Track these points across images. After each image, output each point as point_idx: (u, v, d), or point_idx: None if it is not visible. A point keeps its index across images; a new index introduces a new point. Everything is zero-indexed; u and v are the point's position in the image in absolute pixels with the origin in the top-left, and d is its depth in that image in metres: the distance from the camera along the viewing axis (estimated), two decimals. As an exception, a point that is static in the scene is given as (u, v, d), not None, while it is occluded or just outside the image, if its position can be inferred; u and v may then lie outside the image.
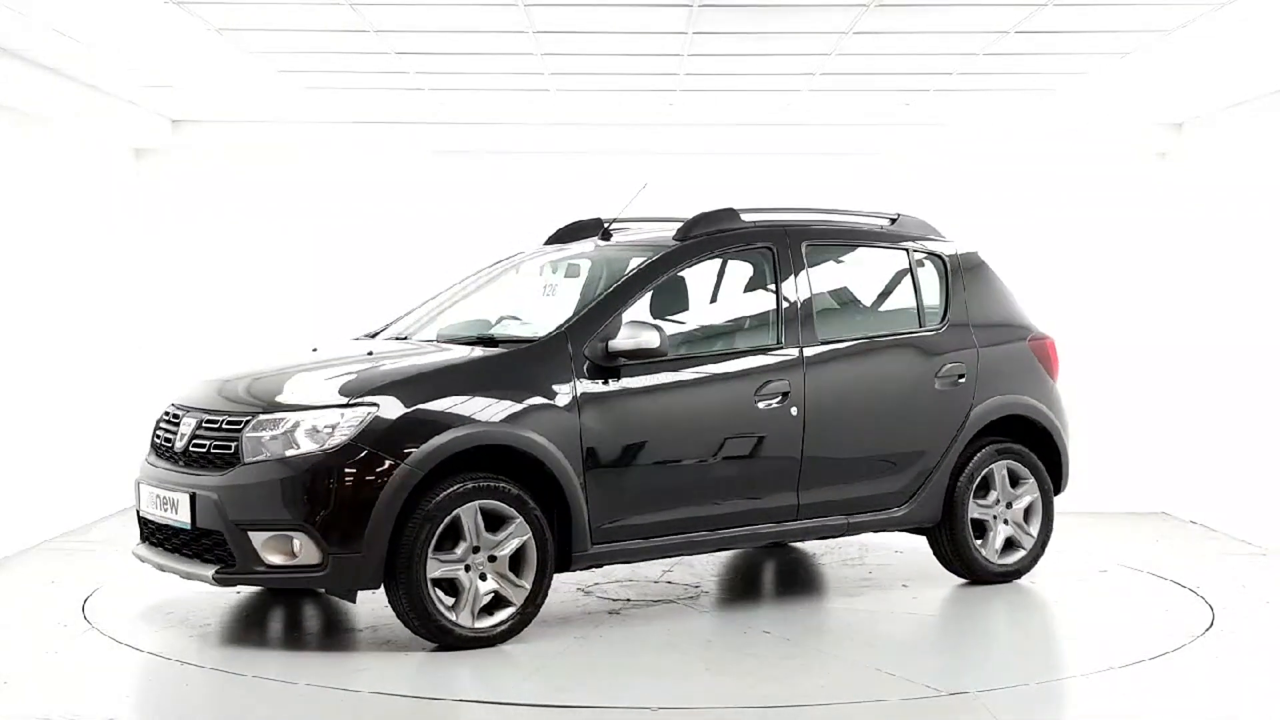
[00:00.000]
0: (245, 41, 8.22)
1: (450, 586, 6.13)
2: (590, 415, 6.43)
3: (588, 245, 7.57)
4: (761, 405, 6.86)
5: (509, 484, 6.22)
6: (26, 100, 8.74)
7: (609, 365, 6.49)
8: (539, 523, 6.27)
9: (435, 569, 6.06)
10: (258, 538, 6.00)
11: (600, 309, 6.66)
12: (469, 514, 6.11)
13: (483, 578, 6.18)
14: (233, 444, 6.17)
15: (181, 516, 6.25)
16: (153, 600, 7.29)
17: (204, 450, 6.29)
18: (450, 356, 6.54)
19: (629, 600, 7.29)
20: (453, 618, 6.10)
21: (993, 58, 8.49)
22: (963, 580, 7.65)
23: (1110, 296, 10.92)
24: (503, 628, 6.21)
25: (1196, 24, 7.61)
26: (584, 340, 6.52)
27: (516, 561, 6.25)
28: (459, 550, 6.11)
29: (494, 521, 6.21)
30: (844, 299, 7.62)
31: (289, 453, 6.03)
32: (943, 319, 7.60)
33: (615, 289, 6.79)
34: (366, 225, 10.98)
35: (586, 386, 6.45)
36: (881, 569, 8.09)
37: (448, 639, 6.10)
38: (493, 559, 6.18)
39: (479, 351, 6.57)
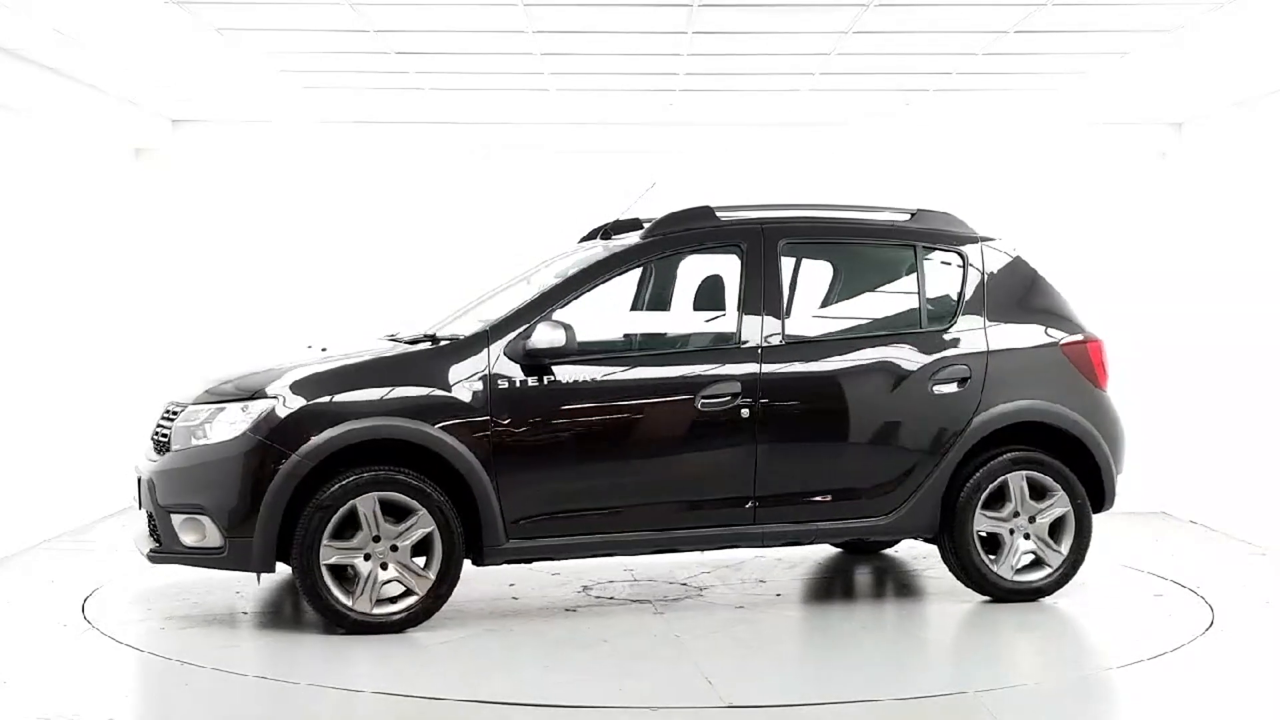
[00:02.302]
0: (245, 41, 8.22)
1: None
2: (505, 411, 6.55)
3: (596, 246, 7.56)
4: (703, 405, 6.75)
5: (411, 476, 6.42)
6: (26, 100, 8.74)
7: (533, 364, 6.60)
8: (443, 515, 6.43)
9: (330, 556, 6.37)
10: (176, 520, 6.51)
11: (528, 308, 6.75)
12: (367, 504, 6.39)
13: (384, 566, 6.43)
14: (169, 433, 6.69)
15: (135, 498, 6.88)
16: (153, 600, 7.30)
17: (158, 438, 6.82)
18: (367, 355, 6.80)
19: (612, 599, 7.31)
20: (348, 603, 6.39)
21: (993, 58, 8.49)
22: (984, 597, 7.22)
23: (1110, 296, 10.91)
24: (402, 616, 6.45)
25: (1196, 24, 7.61)
26: (504, 338, 6.63)
27: (425, 552, 6.48)
28: (356, 539, 6.39)
29: (402, 512, 6.44)
30: (826, 298, 7.49)
31: (201, 442, 6.50)
32: (952, 319, 7.22)
33: (550, 289, 6.84)
34: (366, 225, 10.98)
35: (501, 383, 6.57)
36: (935, 579, 7.80)
37: (344, 623, 6.41)
38: (395, 549, 6.43)
39: (395, 350, 6.82)
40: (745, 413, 6.77)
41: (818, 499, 6.94)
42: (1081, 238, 10.86)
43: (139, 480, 6.79)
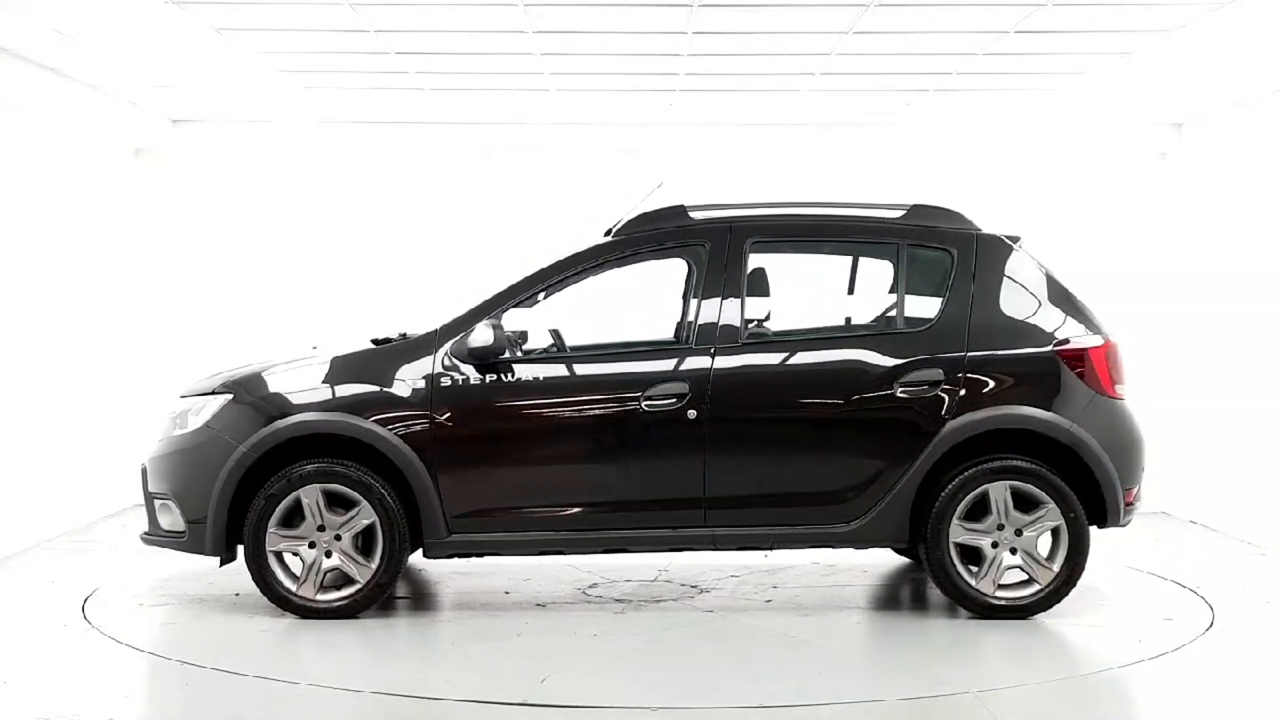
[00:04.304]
0: (245, 41, 8.22)
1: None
2: (446, 409, 6.70)
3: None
4: (648, 406, 6.70)
5: (352, 469, 6.67)
6: (26, 100, 8.74)
7: (476, 363, 6.73)
8: (384, 507, 6.64)
9: (276, 543, 6.70)
10: (156, 504, 6.94)
11: (480, 309, 6.85)
12: (310, 495, 6.68)
13: (328, 555, 6.72)
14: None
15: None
16: (153, 600, 7.31)
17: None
18: (326, 354, 7.03)
19: (600, 597, 7.35)
20: (293, 588, 6.72)
21: (993, 58, 8.49)
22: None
23: (1110, 296, 10.89)
24: (343, 603, 6.72)
25: (1196, 24, 7.62)
26: (453, 338, 6.78)
27: (369, 542, 6.71)
28: (301, 528, 6.70)
29: (350, 504, 6.70)
30: (794, 298, 7.32)
31: (175, 433, 6.90)
32: (932, 319, 6.87)
33: (505, 289, 6.92)
34: (366, 225, 10.98)
35: (444, 381, 6.72)
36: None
37: (288, 607, 6.74)
38: (339, 538, 6.70)
39: (351, 349, 7.03)
40: (692, 414, 6.68)
41: (773, 503, 6.77)
42: (1081, 238, 10.85)
43: (139, 468, 7.13)
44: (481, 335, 6.67)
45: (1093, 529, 6.86)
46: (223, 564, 6.91)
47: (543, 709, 5.29)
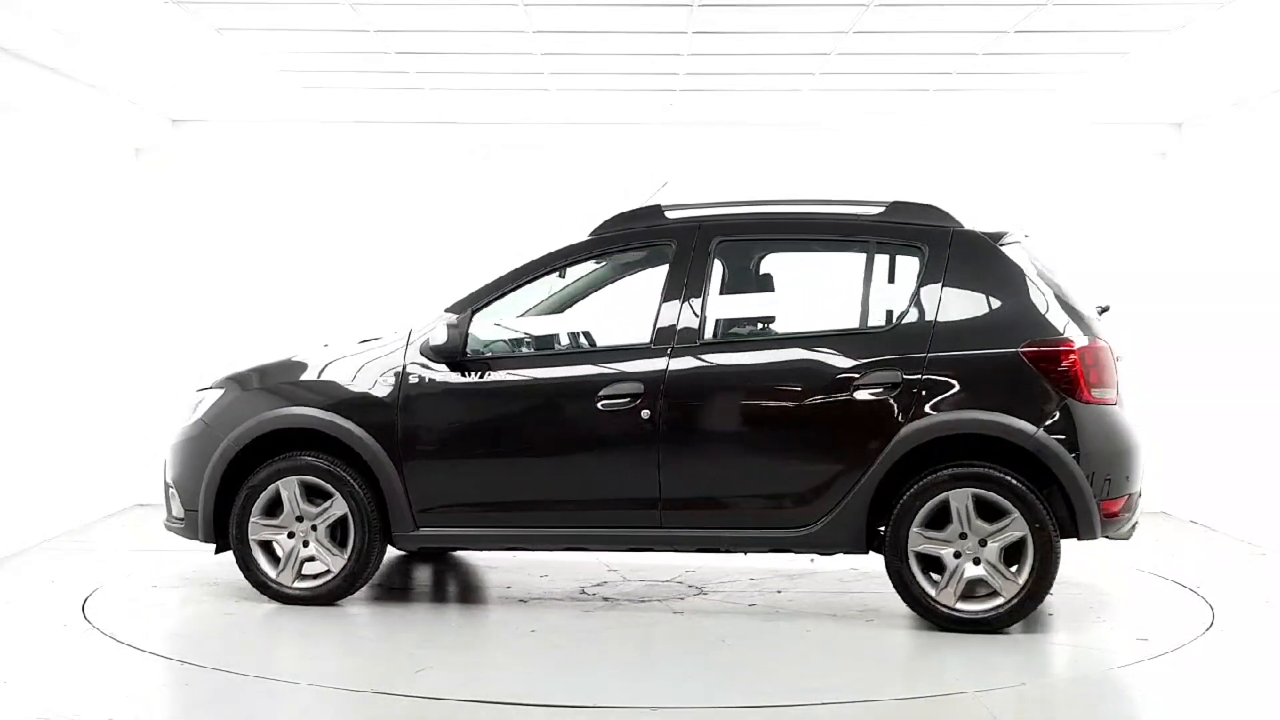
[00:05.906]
0: (245, 41, 8.22)
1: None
2: (412, 406, 6.89)
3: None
4: (603, 407, 6.69)
5: (326, 462, 6.91)
6: (26, 100, 8.75)
7: (442, 361, 6.87)
8: (355, 499, 6.87)
9: (258, 532, 6.99)
10: (168, 493, 7.28)
11: (454, 307, 6.98)
12: (288, 486, 6.96)
13: (305, 544, 6.98)
14: None
15: None
16: (153, 600, 7.32)
17: None
18: (311, 352, 7.32)
19: (593, 596, 7.37)
20: (273, 575, 6.99)
21: (993, 58, 8.49)
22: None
23: (1110, 297, 10.89)
24: (318, 591, 6.98)
25: (1196, 24, 7.62)
26: (424, 337, 6.94)
27: (344, 533, 6.95)
28: (281, 518, 6.98)
29: (326, 496, 6.95)
30: (758, 297, 7.25)
31: (183, 425, 7.23)
32: (896, 319, 6.63)
33: (480, 289, 7.01)
34: (366, 225, 10.98)
35: (411, 379, 6.92)
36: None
37: (267, 593, 7.02)
38: (315, 528, 6.97)
39: (333, 347, 7.33)
40: (645, 414, 6.63)
41: (728, 505, 6.70)
42: (1081, 238, 10.84)
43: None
44: (438, 335, 6.80)
45: (1074, 541, 6.55)
46: (217, 551, 7.14)
47: (543, 709, 5.29)
